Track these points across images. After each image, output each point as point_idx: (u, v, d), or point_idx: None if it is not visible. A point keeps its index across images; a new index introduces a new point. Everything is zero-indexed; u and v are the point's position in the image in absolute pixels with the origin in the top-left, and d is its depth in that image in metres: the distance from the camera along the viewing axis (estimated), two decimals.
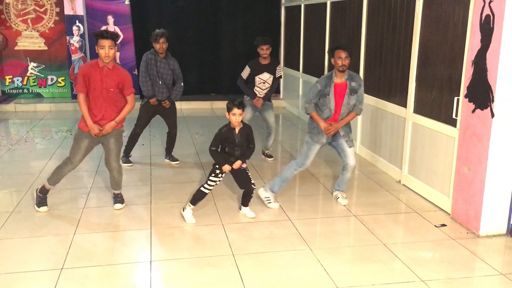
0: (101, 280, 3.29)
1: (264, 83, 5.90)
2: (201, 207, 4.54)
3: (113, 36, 4.17)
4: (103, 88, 4.20)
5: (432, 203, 4.70)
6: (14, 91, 10.19)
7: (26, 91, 10.24)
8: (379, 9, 5.84)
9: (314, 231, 4.15)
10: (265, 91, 5.95)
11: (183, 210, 4.28)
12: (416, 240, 3.95)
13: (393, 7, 5.46)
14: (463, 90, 4.14)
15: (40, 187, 4.51)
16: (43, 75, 10.25)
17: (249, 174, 4.27)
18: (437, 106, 4.64)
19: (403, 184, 5.24)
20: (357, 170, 5.86)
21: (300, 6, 8.92)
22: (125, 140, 5.10)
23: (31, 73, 10.21)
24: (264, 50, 5.80)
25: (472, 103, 4.02)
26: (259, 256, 3.64)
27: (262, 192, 4.66)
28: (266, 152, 6.32)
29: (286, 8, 10.04)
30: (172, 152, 6.04)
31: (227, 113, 4.07)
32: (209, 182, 4.16)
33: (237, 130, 4.09)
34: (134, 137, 5.88)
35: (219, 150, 4.13)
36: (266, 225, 4.21)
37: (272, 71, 5.91)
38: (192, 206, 4.25)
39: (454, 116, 4.29)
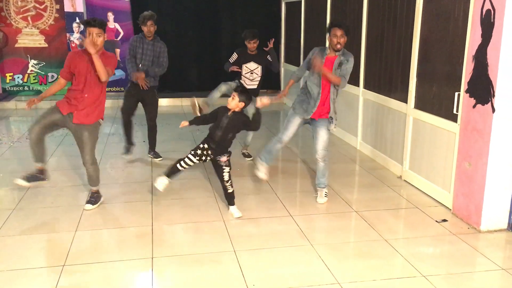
0: (103, 277, 3.30)
1: (251, 73, 5.76)
2: (202, 204, 4.55)
3: (101, 24, 4.12)
4: (89, 73, 4.16)
5: (433, 198, 4.70)
6: (15, 89, 10.19)
7: (27, 89, 10.25)
8: (379, 4, 5.83)
9: (315, 227, 4.15)
10: (253, 83, 5.78)
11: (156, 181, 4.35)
12: (417, 236, 3.95)
13: (394, 2, 5.45)
14: (463, 85, 4.13)
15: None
16: (43, 72, 10.25)
17: (224, 170, 4.23)
18: (437, 102, 4.63)
19: (404, 180, 5.24)
20: (357, 165, 5.87)
21: (300, 1, 8.90)
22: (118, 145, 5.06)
23: (31, 70, 10.21)
24: (252, 44, 5.70)
25: (473, 98, 4.01)
26: (260, 252, 3.65)
27: (257, 160, 4.78)
28: (243, 151, 6.12)
29: (287, 4, 10.02)
30: (156, 147, 6.02)
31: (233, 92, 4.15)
32: (185, 159, 4.24)
33: (230, 112, 4.14)
34: (126, 126, 5.83)
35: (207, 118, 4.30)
36: (267, 221, 4.22)
37: (260, 61, 5.78)
38: (165, 178, 4.33)
39: (455, 111, 4.29)
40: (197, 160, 4.22)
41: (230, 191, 4.29)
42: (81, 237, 3.88)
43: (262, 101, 4.09)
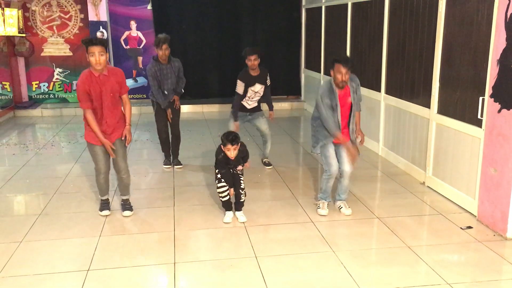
0: (127, 281, 3.34)
1: (256, 93, 5.70)
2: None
3: (102, 42, 4.03)
4: (105, 96, 4.12)
5: (458, 205, 4.63)
6: (41, 97, 10.41)
7: (52, 96, 10.46)
8: (401, 9, 5.79)
9: (337, 233, 4.13)
10: (254, 103, 5.77)
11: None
12: (441, 243, 3.89)
13: (416, 6, 5.41)
14: (488, 90, 4.07)
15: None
16: (68, 80, 10.46)
17: (240, 178, 4.29)
18: (461, 107, 4.57)
19: (427, 186, 5.17)
20: (379, 171, 5.81)
21: (320, 7, 8.89)
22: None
23: (56, 78, 10.42)
24: (252, 61, 5.51)
25: (497, 103, 3.95)
26: (282, 258, 3.64)
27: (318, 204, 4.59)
28: (265, 160, 6.09)
29: (307, 10, 10.02)
30: (179, 155, 6.09)
31: (222, 146, 4.13)
32: (218, 191, 4.28)
33: (230, 163, 4.22)
34: (164, 142, 5.98)
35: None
36: (289, 227, 4.21)
37: (263, 81, 5.69)
38: (228, 211, 4.36)
39: (479, 117, 4.22)
40: (227, 185, 4.26)
41: (242, 200, 4.33)
42: (105, 242, 3.93)
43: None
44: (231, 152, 4.11)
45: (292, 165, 6.14)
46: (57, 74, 10.40)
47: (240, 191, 4.29)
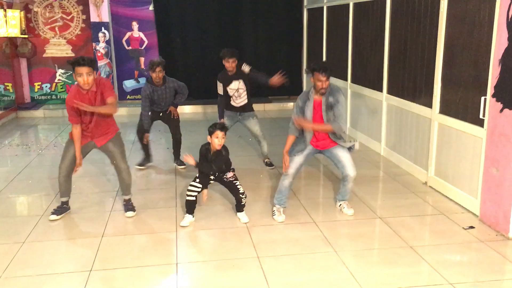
0: (129, 282, 3.34)
1: (237, 91, 5.66)
2: (226, 210, 4.57)
3: (90, 63, 3.95)
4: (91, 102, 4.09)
5: (460, 205, 4.62)
6: (43, 98, 10.44)
7: (55, 97, 10.48)
8: (402, 9, 5.79)
9: (339, 234, 4.13)
10: (242, 101, 5.74)
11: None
12: (443, 243, 3.89)
13: (417, 6, 5.40)
14: (490, 90, 4.07)
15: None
16: (70, 81, 10.47)
17: (236, 184, 4.26)
18: (463, 106, 4.57)
19: (429, 186, 5.16)
20: (381, 171, 5.81)
21: (322, 8, 8.89)
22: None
23: (59, 79, 10.44)
24: (230, 63, 5.49)
25: (499, 102, 3.94)
26: (284, 258, 3.64)
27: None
28: (266, 160, 6.04)
29: (309, 10, 10.02)
30: (180, 156, 6.09)
31: (209, 137, 4.08)
32: (189, 188, 4.21)
33: (212, 153, 4.14)
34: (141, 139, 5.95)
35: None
36: (291, 227, 4.21)
37: (238, 77, 5.64)
38: (188, 215, 4.29)
39: (481, 116, 4.22)
40: (203, 184, 4.20)
41: (243, 203, 4.31)
42: (107, 243, 3.94)
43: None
44: (219, 139, 4.03)
45: None
46: (59, 75, 10.42)
47: (241, 196, 4.27)
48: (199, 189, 4.20)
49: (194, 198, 4.21)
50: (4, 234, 4.12)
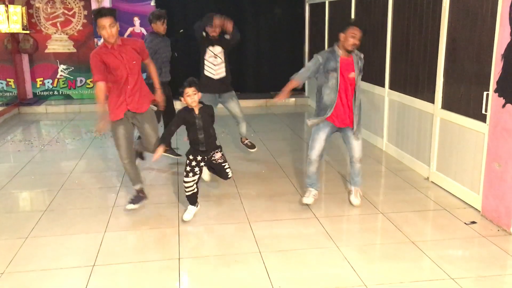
0: (132, 277, 3.36)
1: (215, 57, 5.49)
2: (228, 205, 4.58)
3: (111, 12, 3.89)
4: (126, 64, 4.01)
5: (462, 200, 4.62)
6: (45, 93, 10.45)
7: (56, 93, 10.49)
8: (404, 3, 5.77)
9: (341, 229, 4.14)
10: (218, 71, 5.53)
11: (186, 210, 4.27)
12: (445, 238, 3.89)
13: (420, 1, 5.39)
14: (492, 85, 4.06)
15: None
16: (72, 77, 10.48)
17: (225, 166, 4.23)
18: (465, 102, 4.56)
19: (431, 181, 5.16)
20: (383, 167, 5.81)
21: (324, 3, 8.87)
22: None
23: (61, 75, 10.45)
24: (214, 29, 5.46)
25: (502, 97, 3.93)
26: (286, 253, 3.66)
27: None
28: (245, 141, 5.85)
29: (311, 5, 10.00)
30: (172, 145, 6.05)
31: (181, 98, 3.92)
32: (185, 185, 4.12)
33: (196, 110, 3.97)
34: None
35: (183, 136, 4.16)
36: (292, 223, 4.22)
37: (224, 44, 5.55)
38: (192, 206, 4.25)
39: (483, 111, 4.21)
40: (196, 174, 4.12)
41: (230, 176, 4.28)
42: (110, 238, 3.96)
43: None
44: (191, 97, 3.87)
45: (295, 161, 6.14)
46: (61, 71, 10.43)
47: (228, 178, 4.29)
48: (195, 180, 4.14)
49: (195, 190, 4.18)
50: (7, 229, 4.13)
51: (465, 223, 4.16)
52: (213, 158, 4.18)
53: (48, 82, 10.43)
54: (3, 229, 4.15)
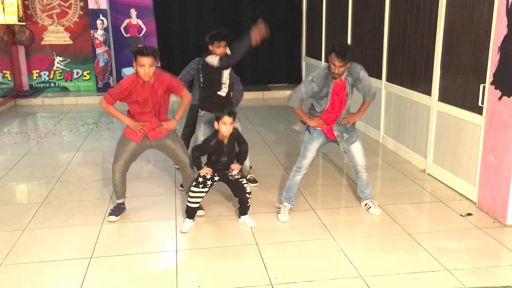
0: (129, 269, 3.37)
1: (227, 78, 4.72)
2: (225, 198, 4.59)
3: (154, 53, 3.73)
4: (150, 100, 3.88)
5: (458, 192, 4.65)
6: (41, 85, 10.41)
7: (53, 85, 10.46)
8: None
9: (338, 221, 4.15)
10: (226, 90, 4.69)
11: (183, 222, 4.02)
12: (441, 230, 3.92)
13: None
14: (489, 77, 4.06)
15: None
16: (68, 69, 10.44)
17: (243, 182, 3.99)
18: (462, 94, 4.57)
19: (428, 173, 5.18)
20: (380, 159, 5.83)
21: None
22: None
23: (57, 67, 10.41)
24: (221, 48, 4.61)
25: (498, 90, 3.94)
26: (283, 245, 3.67)
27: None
28: (249, 177, 5.01)
29: None
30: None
31: (216, 123, 3.74)
32: (190, 194, 3.92)
33: (225, 141, 3.81)
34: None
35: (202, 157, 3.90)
36: (290, 215, 4.22)
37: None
38: (189, 219, 3.99)
39: (480, 104, 4.22)
40: (207, 187, 3.93)
41: (249, 204, 4.03)
42: (107, 230, 3.96)
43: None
44: (227, 126, 3.70)
45: (292, 153, 6.14)
46: (57, 63, 10.39)
47: (247, 196, 3.98)
48: (203, 193, 3.95)
49: (197, 205, 3.98)
50: (4, 222, 4.14)
51: (461, 215, 4.18)
52: (229, 175, 3.95)
53: (45, 74, 10.39)
54: (0, 221, 4.15)
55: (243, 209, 4.07)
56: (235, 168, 3.93)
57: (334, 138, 4.10)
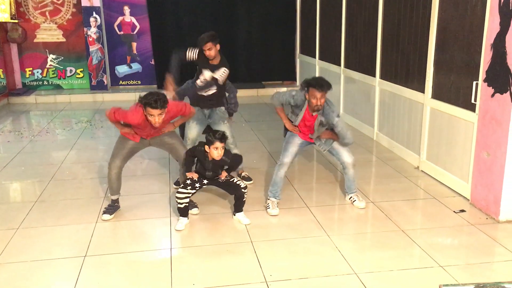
0: (124, 267, 3.37)
1: (205, 82, 4.72)
2: (219, 195, 4.59)
3: (164, 105, 3.74)
4: (153, 129, 4.01)
5: (451, 188, 4.67)
6: (34, 83, 10.35)
7: (46, 83, 10.40)
8: None
9: (332, 218, 4.17)
10: (211, 91, 4.72)
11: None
12: (434, 226, 3.94)
13: None
14: (482, 74, 4.09)
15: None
16: (62, 67, 10.39)
17: (234, 180, 4.02)
18: (455, 91, 4.59)
19: (421, 170, 5.21)
20: (374, 156, 5.85)
21: None
22: None
23: (50, 65, 10.35)
24: (207, 51, 4.56)
25: (491, 87, 3.96)
26: (277, 243, 3.68)
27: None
28: (243, 174, 5.09)
29: None
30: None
31: (206, 146, 3.78)
32: (178, 195, 3.91)
33: (209, 159, 3.85)
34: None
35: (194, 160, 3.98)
36: (284, 212, 4.24)
37: (219, 68, 4.73)
38: (183, 217, 3.99)
39: (473, 101, 4.24)
40: (195, 189, 3.96)
41: (245, 198, 4.05)
42: (101, 229, 3.96)
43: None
44: (219, 150, 3.76)
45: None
46: (50, 61, 10.33)
47: (243, 191, 3.99)
48: (190, 194, 3.96)
49: (187, 204, 3.97)
50: None
51: (454, 211, 4.20)
52: (218, 179, 3.99)
53: (38, 72, 10.33)
54: None
55: (239, 205, 4.08)
56: (222, 176, 3.98)
57: (312, 141, 4.28)
